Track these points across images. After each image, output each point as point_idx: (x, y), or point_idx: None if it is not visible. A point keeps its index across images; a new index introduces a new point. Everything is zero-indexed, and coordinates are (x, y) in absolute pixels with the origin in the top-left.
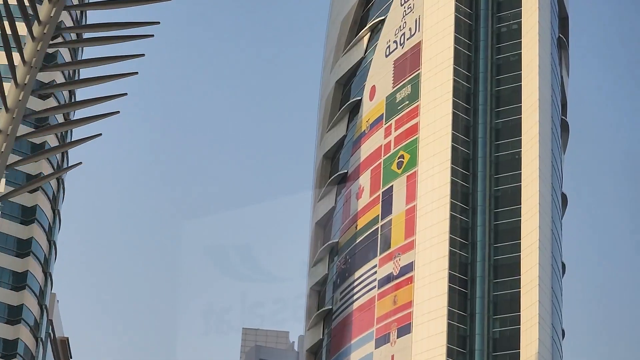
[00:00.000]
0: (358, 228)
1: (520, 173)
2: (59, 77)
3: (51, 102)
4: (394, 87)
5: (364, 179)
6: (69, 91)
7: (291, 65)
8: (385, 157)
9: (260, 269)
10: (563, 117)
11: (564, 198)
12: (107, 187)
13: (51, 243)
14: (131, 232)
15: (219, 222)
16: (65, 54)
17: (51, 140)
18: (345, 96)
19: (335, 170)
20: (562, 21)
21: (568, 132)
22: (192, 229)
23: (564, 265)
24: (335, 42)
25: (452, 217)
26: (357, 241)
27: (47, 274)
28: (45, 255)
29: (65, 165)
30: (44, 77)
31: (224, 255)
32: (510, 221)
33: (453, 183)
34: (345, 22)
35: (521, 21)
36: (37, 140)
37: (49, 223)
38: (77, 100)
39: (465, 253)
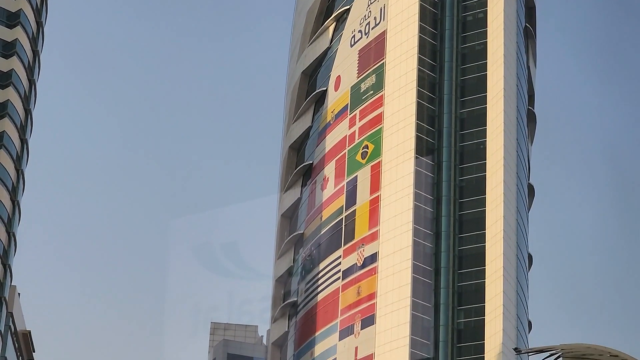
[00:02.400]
0: (323, 219)
1: (485, 163)
2: None
3: None
4: (358, 77)
5: (329, 170)
6: None
7: (258, 57)
8: (350, 147)
9: (247, 267)
10: (530, 108)
11: (531, 189)
12: (92, 186)
13: (10, 235)
14: (116, 231)
15: (205, 220)
16: None
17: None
18: (311, 86)
19: (301, 162)
20: (529, 11)
21: (535, 122)
22: (178, 227)
23: (530, 257)
24: (301, 32)
25: (416, 207)
26: (322, 232)
27: (5, 266)
28: (4, 247)
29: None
30: None
31: (210, 253)
32: (475, 211)
33: (417, 173)
34: (311, 11)
35: (487, 10)
36: None
37: (8, 215)
38: None
39: (430, 243)
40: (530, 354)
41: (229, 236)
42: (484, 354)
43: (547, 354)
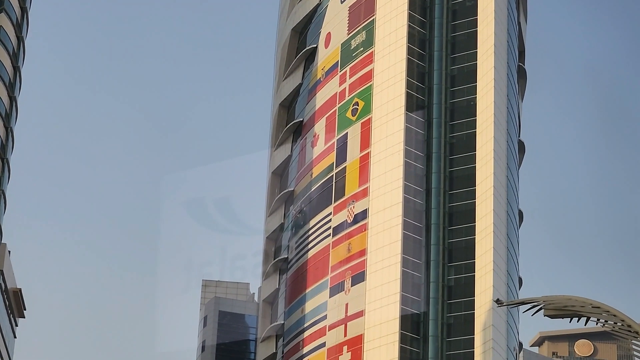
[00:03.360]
0: (313, 176)
1: (476, 120)
2: None
3: None
4: (349, 34)
5: (319, 127)
6: None
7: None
8: (340, 104)
9: (239, 222)
10: (520, 64)
11: (521, 145)
12: (83, 141)
13: (1, 194)
14: (108, 186)
15: (197, 176)
16: None
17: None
18: (301, 44)
19: (291, 119)
20: None
21: (525, 79)
22: (170, 183)
23: (521, 213)
24: None
25: (406, 164)
26: (312, 189)
27: None
28: None
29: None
30: None
31: (203, 209)
32: (465, 168)
33: (407, 130)
34: None
35: None
36: None
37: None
38: None
39: (420, 200)
40: (511, 306)
41: (221, 192)
42: (474, 310)
43: (529, 305)
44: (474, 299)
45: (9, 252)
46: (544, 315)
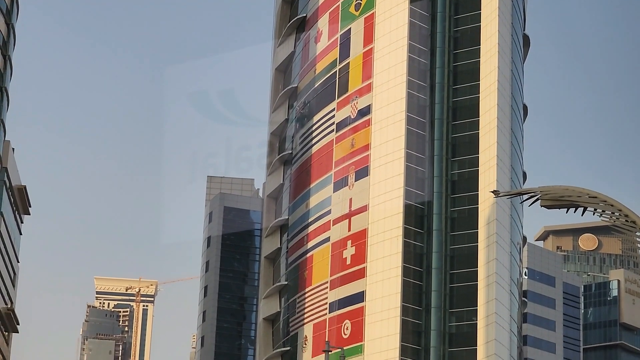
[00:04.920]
0: (317, 72)
1: (480, 13)
2: None
3: None
4: None
5: (323, 23)
6: None
7: None
8: None
9: (244, 114)
10: None
11: (526, 39)
12: (86, 35)
13: (2, 90)
14: (112, 79)
15: (201, 67)
16: None
17: None
18: None
19: (294, 14)
20: None
21: None
22: (174, 74)
23: (525, 108)
24: None
25: (410, 59)
26: (316, 85)
27: None
28: None
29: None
30: None
31: (207, 101)
32: (469, 62)
33: (411, 24)
34: None
35: None
36: None
37: (0, 71)
38: None
39: (424, 95)
40: (509, 197)
41: (226, 83)
42: (477, 204)
43: (527, 196)
44: (478, 194)
45: (13, 149)
46: (541, 206)
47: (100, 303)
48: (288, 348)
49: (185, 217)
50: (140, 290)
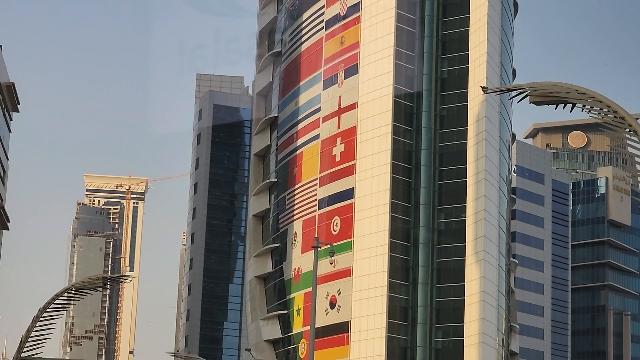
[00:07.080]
0: None
1: None
2: None
3: None
4: None
5: None
6: None
7: None
8: None
9: (232, 4)
10: None
11: None
12: None
13: None
14: None
15: None
16: None
17: None
18: None
19: None
20: None
21: None
22: None
23: (516, 5)
24: None
25: None
26: None
27: None
28: None
29: None
30: None
31: None
32: None
33: None
34: None
35: None
36: None
37: None
38: None
39: (413, 16)
40: (497, 93)
41: None
42: (467, 101)
43: (516, 92)
44: (467, 91)
45: (1, 46)
46: (530, 102)
47: (90, 200)
48: (278, 244)
49: (175, 108)
50: (130, 187)
